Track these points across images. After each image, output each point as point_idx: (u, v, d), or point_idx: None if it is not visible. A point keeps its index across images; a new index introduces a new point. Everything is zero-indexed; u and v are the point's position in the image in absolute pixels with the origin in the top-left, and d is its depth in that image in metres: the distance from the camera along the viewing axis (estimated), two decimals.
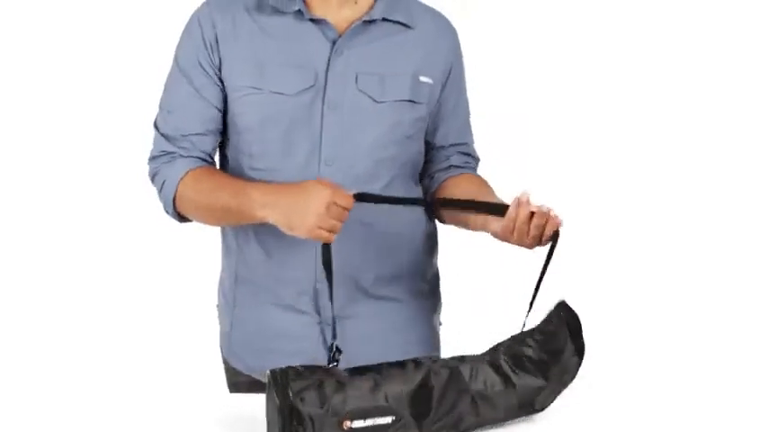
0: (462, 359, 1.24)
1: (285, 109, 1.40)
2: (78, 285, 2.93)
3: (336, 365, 1.26)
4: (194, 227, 1.62)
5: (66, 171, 2.94)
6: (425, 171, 1.60)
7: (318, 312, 1.45)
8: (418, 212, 1.49)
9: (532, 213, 1.25)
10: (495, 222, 1.30)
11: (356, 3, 1.45)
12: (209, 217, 1.44)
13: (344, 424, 1.18)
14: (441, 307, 1.65)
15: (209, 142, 1.46)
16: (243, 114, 1.41)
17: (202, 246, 2.38)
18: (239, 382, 1.54)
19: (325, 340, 1.44)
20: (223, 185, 1.39)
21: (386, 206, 1.36)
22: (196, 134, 1.45)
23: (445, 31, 1.52)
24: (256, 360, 1.49)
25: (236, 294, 1.51)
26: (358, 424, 1.19)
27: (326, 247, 1.32)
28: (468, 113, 1.61)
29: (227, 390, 1.60)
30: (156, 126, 1.47)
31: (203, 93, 1.43)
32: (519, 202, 1.25)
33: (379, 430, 1.21)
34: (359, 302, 1.47)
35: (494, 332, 1.44)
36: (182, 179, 1.43)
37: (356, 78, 1.39)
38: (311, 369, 1.19)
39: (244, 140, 1.42)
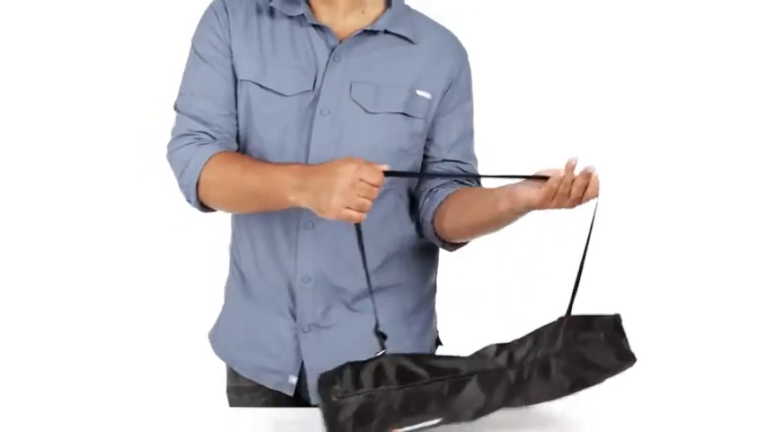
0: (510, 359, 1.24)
1: (282, 109, 1.40)
2: (83, 288, 2.92)
3: (384, 352, 1.23)
4: (201, 227, 1.61)
5: (69, 171, 2.94)
6: (424, 187, 1.53)
7: (294, 317, 1.43)
8: (411, 229, 1.48)
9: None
10: (525, 192, 1.27)
11: (363, 13, 1.45)
12: (236, 202, 1.40)
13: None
14: (433, 325, 1.59)
15: (234, 124, 1.45)
16: (244, 109, 1.40)
17: (208, 247, 2.37)
18: (236, 382, 1.54)
19: (298, 347, 1.43)
20: (251, 169, 1.36)
21: (376, 221, 1.35)
22: (222, 115, 1.44)
23: (451, 48, 1.48)
24: (236, 352, 1.51)
25: (229, 287, 1.52)
26: (406, 428, 1.19)
27: (357, 228, 1.29)
28: (468, 130, 1.53)
29: (227, 398, 1.59)
30: (177, 109, 1.46)
31: (224, 75, 1.44)
32: (569, 166, 1.25)
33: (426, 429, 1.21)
34: (339, 314, 1.45)
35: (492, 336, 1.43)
36: (206, 163, 1.40)
37: (350, 87, 1.39)
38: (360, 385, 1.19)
39: (243, 133, 1.41)
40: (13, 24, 2.87)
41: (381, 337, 1.23)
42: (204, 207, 1.45)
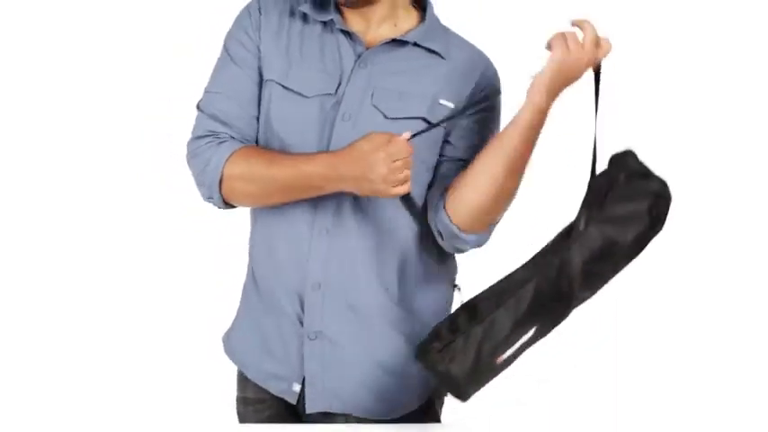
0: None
1: (302, 111, 1.39)
2: (97, 294, 2.91)
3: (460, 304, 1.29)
4: (220, 229, 1.59)
5: (78, 172, 2.93)
6: (430, 195, 1.47)
7: (302, 323, 1.42)
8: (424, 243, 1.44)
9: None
10: (538, 75, 1.28)
11: (395, 25, 1.41)
12: (263, 195, 1.36)
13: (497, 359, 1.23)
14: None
15: (255, 127, 1.43)
16: (265, 109, 1.41)
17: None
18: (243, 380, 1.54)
19: (301, 355, 1.43)
20: (277, 161, 1.33)
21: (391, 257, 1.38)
22: (243, 117, 1.41)
23: (480, 66, 1.42)
24: (246, 356, 1.49)
25: (245, 290, 1.52)
26: (508, 352, 1.23)
27: (406, 198, 1.30)
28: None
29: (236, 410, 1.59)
30: (200, 108, 1.42)
31: (251, 77, 1.41)
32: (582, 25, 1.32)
33: (526, 346, 1.24)
34: (347, 324, 1.43)
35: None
36: (228, 159, 1.35)
37: (373, 93, 1.38)
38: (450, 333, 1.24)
39: (263, 134, 1.42)
40: (13, 24, 2.86)
41: (456, 288, 1.34)
42: (226, 204, 1.42)
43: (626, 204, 1.26)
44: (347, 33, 1.38)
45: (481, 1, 2.58)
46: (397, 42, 1.38)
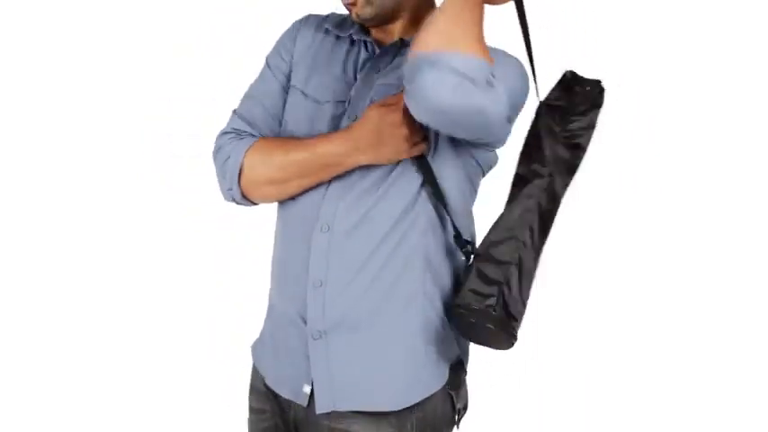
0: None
1: (315, 116, 1.42)
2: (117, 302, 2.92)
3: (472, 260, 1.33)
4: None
5: (89, 175, 2.93)
6: None
7: (305, 322, 1.43)
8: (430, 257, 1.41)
9: None
10: None
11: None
12: (283, 179, 1.39)
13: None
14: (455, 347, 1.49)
15: (276, 132, 1.48)
16: (287, 113, 1.45)
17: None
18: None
19: (307, 356, 1.43)
20: (294, 146, 1.38)
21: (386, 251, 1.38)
22: (267, 119, 1.46)
23: None
24: (265, 360, 1.50)
25: (269, 294, 1.54)
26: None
27: (422, 163, 1.34)
28: None
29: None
30: (234, 110, 1.48)
31: (281, 83, 1.48)
32: None
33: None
34: (349, 324, 1.43)
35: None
36: (248, 150, 1.40)
37: (373, 90, 1.39)
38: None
39: (281, 135, 1.47)
40: (14, 24, 2.86)
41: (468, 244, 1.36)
42: (245, 199, 1.45)
43: (580, 117, 1.35)
44: (366, 43, 1.42)
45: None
46: (404, 43, 1.39)
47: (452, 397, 1.42)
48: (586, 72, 1.35)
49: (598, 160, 2.61)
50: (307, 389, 1.38)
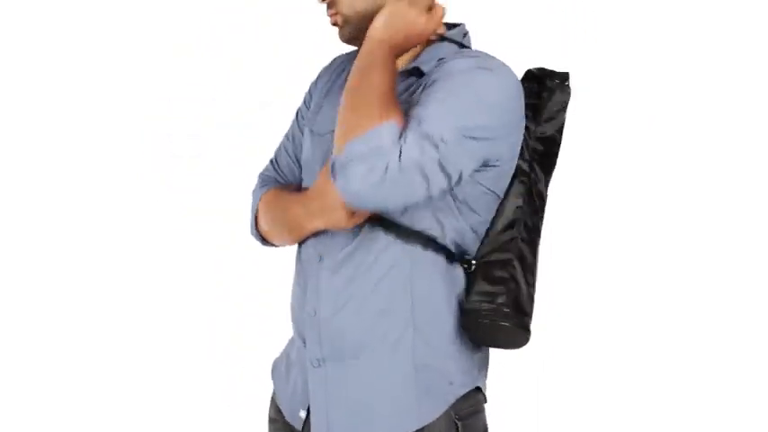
0: None
1: (317, 148, 1.42)
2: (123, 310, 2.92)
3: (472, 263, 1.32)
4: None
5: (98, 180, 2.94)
6: None
7: (304, 342, 1.44)
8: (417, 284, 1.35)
9: None
10: None
11: None
12: (276, 233, 1.44)
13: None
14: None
15: (297, 173, 1.52)
16: (302, 152, 1.49)
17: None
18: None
19: (306, 381, 1.43)
20: (282, 202, 1.40)
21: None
22: (289, 162, 1.51)
23: (446, 61, 1.33)
24: (276, 379, 1.53)
25: None
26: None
27: (386, 224, 1.31)
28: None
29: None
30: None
31: (301, 127, 1.51)
32: None
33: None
34: (342, 354, 1.43)
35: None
36: (261, 198, 1.44)
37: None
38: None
39: (301, 174, 1.50)
40: (14, 25, 2.87)
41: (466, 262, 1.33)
42: (264, 241, 1.49)
43: (556, 114, 1.38)
44: None
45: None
46: (404, 72, 1.36)
47: (458, 426, 1.35)
48: (586, 72, 1.36)
49: (598, 160, 2.62)
50: (302, 413, 1.40)
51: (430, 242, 1.29)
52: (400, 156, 1.11)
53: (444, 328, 1.34)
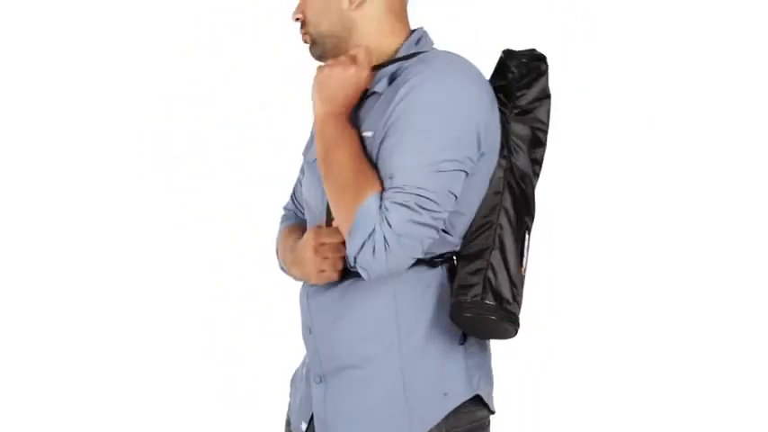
0: None
1: (310, 176, 1.43)
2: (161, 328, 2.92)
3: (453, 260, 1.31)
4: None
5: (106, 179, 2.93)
6: None
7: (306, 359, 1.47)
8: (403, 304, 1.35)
9: None
10: None
11: None
12: (287, 268, 1.48)
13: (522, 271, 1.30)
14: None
15: None
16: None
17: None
18: None
19: (310, 395, 1.45)
20: (283, 244, 1.48)
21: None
22: (302, 205, 1.57)
23: (409, 82, 1.27)
24: (292, 388, 1.55)
25: None
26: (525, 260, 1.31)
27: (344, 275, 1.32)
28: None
29: None
30: None
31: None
32: None
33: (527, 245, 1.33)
34: (339, 372, 1.44)
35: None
36: (280, 232, 1.52)
37: None
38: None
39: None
40: (14, 25, 2.87)
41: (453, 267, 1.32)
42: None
43: (526, 90, 1.34)
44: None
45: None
46: (370, 93, 1.34)
47: None
48: (586, 72, 1.35)
49: (598, 160, 2.62)
50: (303, 426, 1.41)
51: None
52: (390, 225, 1.15)
53: (431, 335, 1.33)
